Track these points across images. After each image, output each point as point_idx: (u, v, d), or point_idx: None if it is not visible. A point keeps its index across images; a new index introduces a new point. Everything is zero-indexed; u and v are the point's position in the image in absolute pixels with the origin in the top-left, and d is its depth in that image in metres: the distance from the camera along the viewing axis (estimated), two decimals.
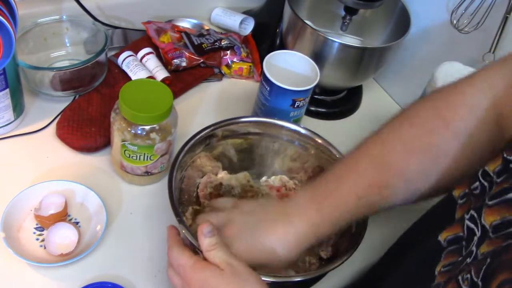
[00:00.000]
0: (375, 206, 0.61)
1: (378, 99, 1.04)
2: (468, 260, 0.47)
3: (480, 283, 0.42)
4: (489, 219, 0.47)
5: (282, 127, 0.76)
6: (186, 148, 0.69)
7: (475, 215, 0.49)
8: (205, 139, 0.73)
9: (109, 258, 0.68)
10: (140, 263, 0.69)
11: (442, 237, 0.53)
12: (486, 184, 0.50)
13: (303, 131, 0.76)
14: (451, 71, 0.79)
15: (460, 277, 0.45)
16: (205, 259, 0.56)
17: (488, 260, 0.42)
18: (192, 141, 0.70)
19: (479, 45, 0.82)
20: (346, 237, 0.68)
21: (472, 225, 0.49)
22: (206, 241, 0.56)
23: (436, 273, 0.51)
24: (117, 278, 0.66)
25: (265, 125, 0.76)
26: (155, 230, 0.72)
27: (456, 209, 0.54)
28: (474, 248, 0.47)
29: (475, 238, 0.48)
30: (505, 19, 0.78)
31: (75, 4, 0.89)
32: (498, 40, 0.79)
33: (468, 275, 0.43)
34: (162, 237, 0.71)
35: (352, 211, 0.60)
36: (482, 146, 0.57)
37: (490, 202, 0.48)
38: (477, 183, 0.51)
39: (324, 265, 0.69)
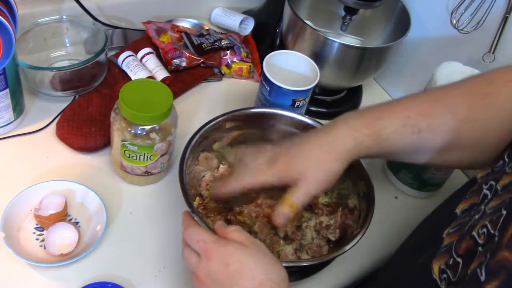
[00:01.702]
0: (417, 138, 0.60)
1: (378, 99, 1.04)
2: (476, 216, 0.48)
3: (497, 233, 0.42)
4: (503, 182, 0.48)
5: (287, 117, 0.77)
6: (194, 140, 0.70)
7: (494, 183, 0.50)
8: (211, 131, 0.73)
9: (109, 258, 0.68)
10: (140, 263, 0.68)
11: (459, 209, 0.54)
12: (507, 160, 0.51)
13: (309, 121, 0.77)
14: (451, 71, 0.79)
15: (475, 233, 0.46)
16: None
17: (504, 212, 0.43)
18: (201, 132, 0.71)
19: (479, 45, 0.82)
20: (352, 218, 0.70)
21: (487, 192, 0.50)
22: (223, 228, 0.56)
23: (444, 235, 0.52)
24: (117, 278, 0.66)
25: (272, 116, 0.77)
26: (155, 230, 0.72)
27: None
28: (482, 207, 0.48)
29: (486, 201, 0.49)
30: (505, 19, 0.78)
31: (75, 4, 0.89)
32: (498, 40, 0.79)
33: (485, 229, 0.44)
34: (162, 237, 0.72)
35: (397, 131, 0.60)
36: None
37: (509, 170, 0.48)
38: (501, 161, 0.52)
39: (333, 247, 0.70)
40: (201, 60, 0.94)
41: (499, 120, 0.58)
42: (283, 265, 0.55)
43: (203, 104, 0.92)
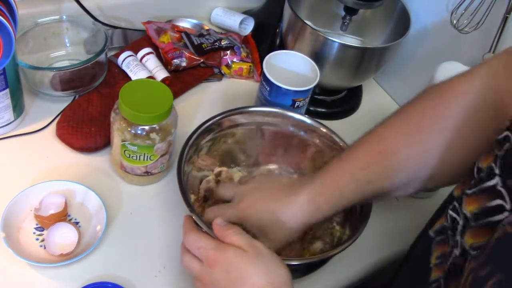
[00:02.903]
0: (377, 182, 0.61)
1: (378, 99, 1.04)
2: (456, 251, 0.48)
3: None
4: (469, 208, 0.47)
5: (287, 117, 0.77)
6: (191, 140, 0.70)
7: (457, 205, 0.50)
8: (209, 131, 0.73)
9: (109, 258, 0.68)
10: (140, 263, 0.69)
11: (432, 229, 0.54)
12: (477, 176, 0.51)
13: (308, 120, 0.77)
14: (451, 71, 0.78)
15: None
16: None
17: (487, 265, 0.42)
18: (198, 131, 0.71)
19: (479, 45, 0.82)
20: (352, 218, 0.70)
21: (454, 215, 0.50)
22: (222, 228, 0.56)
23: (432, 265, 0.51)
24: (117, 278, 0.66)
25: (271, 115, 0.77)
26: (155, 230, 0.73)
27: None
28: (458, 237, 0.48)
29: (459, 227, 0.49)
30: (505, 19, 0.78)
31: (75, 4, 0.89)
32: (498, 40, 0.79)
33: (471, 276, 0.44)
34: (162, 237, 0.72)
35: (357, 182, 0.61)
36: (477, 131, 0.57)
37: (468, 191, 0.48)
38: (473, 181, 0.51)
39: (332, 246, 0.70)
40: (201, 60, 0.94)
41: (439, 148, 0.58)
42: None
43: (203, 104, 0.92)
